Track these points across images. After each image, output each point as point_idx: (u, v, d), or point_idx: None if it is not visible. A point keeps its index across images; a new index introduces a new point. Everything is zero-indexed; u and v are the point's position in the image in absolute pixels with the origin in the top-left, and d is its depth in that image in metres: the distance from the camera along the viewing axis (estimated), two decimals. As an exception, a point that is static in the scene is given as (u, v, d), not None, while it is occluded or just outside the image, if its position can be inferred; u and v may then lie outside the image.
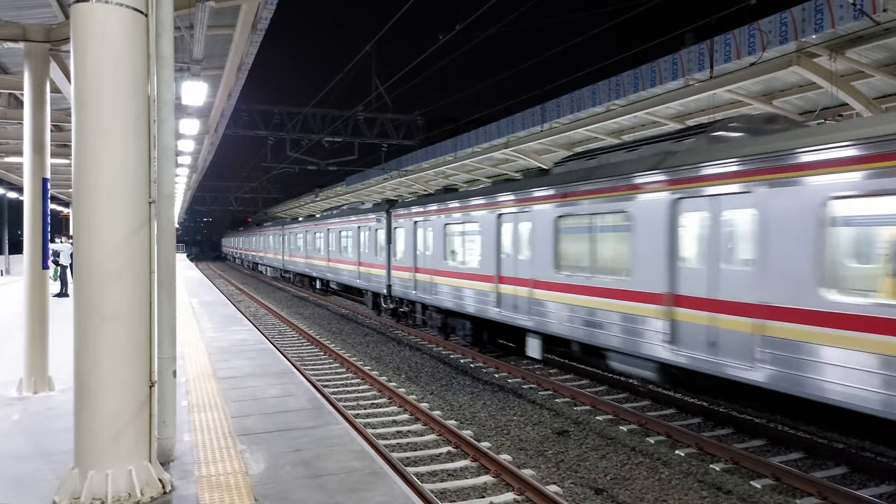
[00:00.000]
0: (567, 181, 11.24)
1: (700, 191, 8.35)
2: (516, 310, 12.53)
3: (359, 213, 22.61)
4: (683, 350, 8.51)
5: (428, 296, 16.55)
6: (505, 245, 13.15)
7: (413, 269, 17.40)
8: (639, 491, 7.05)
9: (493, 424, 9.51)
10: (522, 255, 12.55)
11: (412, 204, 18.31)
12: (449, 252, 15.79)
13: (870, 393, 6.23)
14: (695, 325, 8.35)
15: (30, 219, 7.67)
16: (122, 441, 4.47)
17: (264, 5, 8.03)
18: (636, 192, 9.50)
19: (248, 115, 24.40)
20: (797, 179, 7.06)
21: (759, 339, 7.37)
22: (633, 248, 9.47)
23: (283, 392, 7.94)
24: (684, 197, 8.60)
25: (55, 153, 8.29)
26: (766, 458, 7.75)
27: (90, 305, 4.48)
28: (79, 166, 4.56)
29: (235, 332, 13.27)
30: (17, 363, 7.81)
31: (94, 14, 4.48)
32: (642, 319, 9.25)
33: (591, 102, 14.54)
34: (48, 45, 7.79)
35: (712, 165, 8.17)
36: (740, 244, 7.89)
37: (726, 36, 10.85)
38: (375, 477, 5.08)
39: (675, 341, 8.64)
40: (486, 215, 13.83)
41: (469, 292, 14.37)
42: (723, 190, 8.01)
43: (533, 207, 12.10)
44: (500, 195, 13.35)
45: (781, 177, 7.26)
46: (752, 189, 7.60)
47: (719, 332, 7.95)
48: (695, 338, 8.33)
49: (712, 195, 8.18)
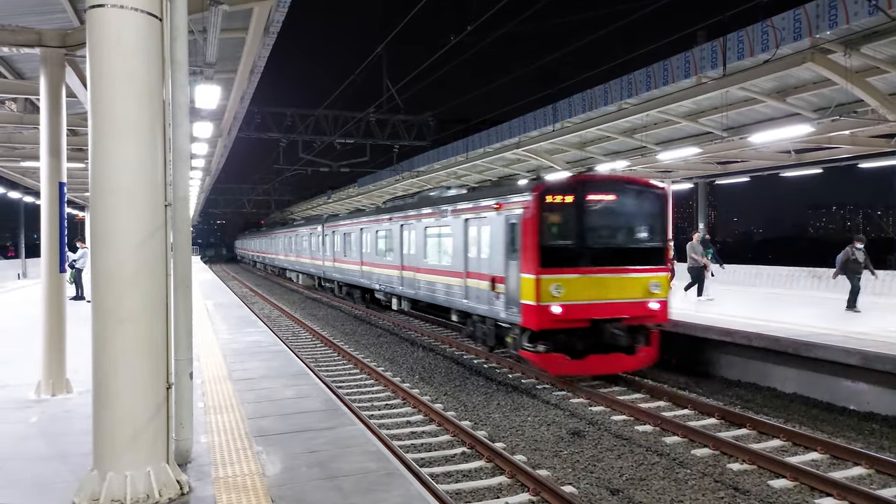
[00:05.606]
0: (426, 205, 17.35)
1: (477, 214, 13.96)
2: (386, 282, 20.16)
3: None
4: (470, 302, 14.18)
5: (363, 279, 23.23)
6: (400, 245, 18.96)
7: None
8: (655, 491, 7.01)
9: (507, 425, 9.50)
10: (409, 251, 18.25)
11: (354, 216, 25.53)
12: (360, 251, 23.19)
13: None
14: (477, 288, 13.80)
15: (47, 223, 7.73)
16: (140, 443, 4.50)
17: (276, 8, 8.06)
18: (453, 214, 15.06)
19: (260, 118, 24.55)
20: (489, 208, 13.25)
21: (490, 293, 13.05)
22: (455, 246, 15.00)
23: (298, 393, 7.96)
24: (469, 218, 14.29)
25: (70, 157, 8.37)
26: (783, 459, 7.70)
27: (107, 308, 4.51)
28: (95, 170, 4.59)
29: (250, 333, 13.33)
30: (35, 366, 7.87)
31: (110, 19, 4.51)
32: (457, 286, 14.84)
33: (602, 101, 14.49)
34: (64, 50, 7.85)
35: (473, 204, 14.22)
36: (482, 243, 13.73)
37: (739, 33, 10.78)
38: (391, 478, 5.08)
39: (468, 297, 14.31)
40: (391, 226, 19.78)
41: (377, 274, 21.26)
42: (484, 215, 13.55)
43: (419, 221, 17.49)
44: (404, 211, 18.91)
45: (496, 209, 12.94)
46: (492, 214, 13.17)
47: (472, 289, 14.08)
48: (475, 294, 13.92)
49: (479, 218, 13.87)
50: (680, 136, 16.69)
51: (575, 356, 11.34)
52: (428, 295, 16.93)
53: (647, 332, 11.92)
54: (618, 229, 12.36)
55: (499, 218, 12.83)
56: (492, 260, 13.13)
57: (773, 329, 11.67)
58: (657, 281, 11.92)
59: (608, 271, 11.65)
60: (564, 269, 11.45)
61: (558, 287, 11.26)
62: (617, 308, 11.61)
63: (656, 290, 11.86)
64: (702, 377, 12.43)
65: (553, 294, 11.23)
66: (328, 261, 28.70)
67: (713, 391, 11.42)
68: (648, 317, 11.85)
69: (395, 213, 19.66)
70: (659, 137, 16.93)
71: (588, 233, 11.90)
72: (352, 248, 24.49)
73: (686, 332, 12.93)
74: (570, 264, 11.53)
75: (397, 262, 19.12)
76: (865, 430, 9.11)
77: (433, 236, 16.80)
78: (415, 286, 17.73)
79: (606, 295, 11.56)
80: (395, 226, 19.45)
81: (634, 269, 11.84)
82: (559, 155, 20.39)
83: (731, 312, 14.25)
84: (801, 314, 13.63)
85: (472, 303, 14.12)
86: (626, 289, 11.74)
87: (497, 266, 12.82)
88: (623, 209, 12.27)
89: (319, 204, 49.16)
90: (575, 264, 11.54)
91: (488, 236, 13.42)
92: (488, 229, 13.41)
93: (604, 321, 11.51)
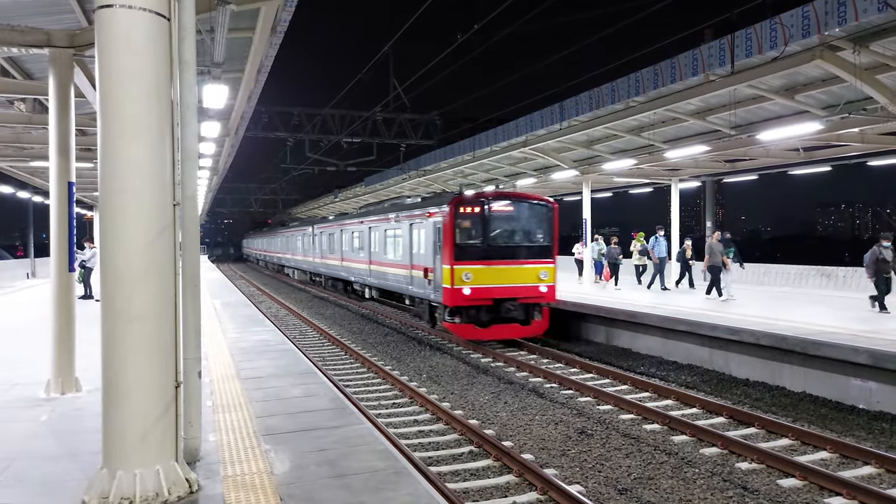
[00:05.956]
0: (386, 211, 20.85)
1: (411, 218, 18.03)
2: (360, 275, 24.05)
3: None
4: (414, 288, 17.78)
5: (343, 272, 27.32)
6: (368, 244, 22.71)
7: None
8: (663, 491, 6.99)
9: (514, 424, 9.49)
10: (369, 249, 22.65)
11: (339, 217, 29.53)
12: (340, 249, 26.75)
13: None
14: (417, 277, 17.27)
15: (56, 222, 7.76)
16: (150, 441, 4.51)
17: (283, 7, 8.07)
18: (411, 219, 18.14)
19: (267, 117, 24.59)
20: (422, 216, 16.95)
21: (424, 280, 16.69)
22: (403, 244, 18.71)
23: (306, 392, 7.98)
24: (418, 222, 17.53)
25: (79, 157, 8.40)
26: (793, 458, 7.67)
27: (117, 307, 4.53)
28: (104, 170, 4.61)
29: (257, 332, 13.36)
30: (45, 364, 7.91)
31: (119, 19, 4.51)
32: (407, 277, 18.21)
33: (610, 100, 14.44)
34: (72, 50, 7.87)
35: (413, 211, 18.01)
36: (420, 243, 17.34)
37: (747, 31, 10.72)
38: (399, 476, 5.08)
39: (412, 284, 17.90)
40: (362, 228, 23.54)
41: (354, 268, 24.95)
42: (421, 221, 17.19)
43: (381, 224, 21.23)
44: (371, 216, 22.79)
45: (428, 217, 16.56)
46: (421, 218, 17.21)
47: (415, 278, 17.54)
48: (416, 282, 17.40)
49: (418, 223, 17.47)
50: (688, 135, 16.63)
51: (481, 326, 15.29)
52: (388, 284, 20.62)
53: (539, 308, 15.74)
54: (513, 232, 16.13)
55: (429, 223, 16.55)
56: (426, 255, 16.81)
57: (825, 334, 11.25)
58: (545, 270, 15.77)
59: (505, 263, 15.53)
60: (472, 261, 15.22)
61: (468, 275, 15.03)
62: (512, 290, 15.38)
63: (544, 277, 15.71)
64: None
65: (464, 280, 15.00)
66: (317, 258, 32.77)
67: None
68: (538, 297, 15.66)
69: (365, 217, 23.79)
70: (666, 135, 16.87)
71: (490, 234, 15.70)
72: (334, 247, 28.49)
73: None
74: (476, 258, 15.31)
75: (367, 257, 23.02)
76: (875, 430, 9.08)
77: (391, 237, 20.36)
78: (379, 277, 21.56)
79: (504, 280, 15.39)
80: (364, 228, 23.46)
81: (526, 261, 15.69)
82: (566, 153, 20.35)
83: (753, 313, 14.19)
84: (836, 316, 13.24)
85: (415, 289, 17.83)
86: (520, 276, 15.53)
87: (428, 259, 16.54)
88: (518, 217, 16.17)
89: (326, 203, 49.26)
90: (480, 258, 15.34)
91: (423, 237, 17.10)
92: (423, 232, 17.09)
93: (503, 300, 15.29)
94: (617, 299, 17.44)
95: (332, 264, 29.04)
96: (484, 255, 15.36)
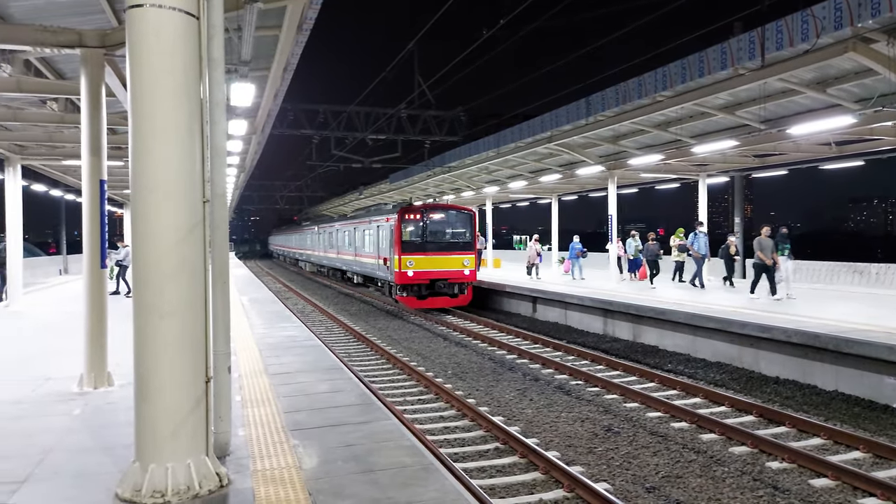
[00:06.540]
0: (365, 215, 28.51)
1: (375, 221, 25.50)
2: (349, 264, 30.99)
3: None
4: (379, 273, 24.43)
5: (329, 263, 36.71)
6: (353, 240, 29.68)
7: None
8: (692, 489, 6.92)
9: (540, 421, 9.46)
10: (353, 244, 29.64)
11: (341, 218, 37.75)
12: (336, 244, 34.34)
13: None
14: (381, 265, 23.94)
15: (88, 219, 7.89)
16: (181, 435, 4.57)
17: (309, 5, 8.10)
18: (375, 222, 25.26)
19: (293, 115, 24.73)
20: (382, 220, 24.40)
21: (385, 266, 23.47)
22: (372, 241, 25.22)
23: (333, 388, 8.03)
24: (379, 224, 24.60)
25: (109, 156, 8.50)
26: (825, 457, 7.54)
27: (149, 303, 4.59)
28: (135, 168, 4.67)
29: (284, 328, 13.47)
30: (78, 359, 8.06)
31: (149, 18, 4.56)
32: (376, 264, 24.62)
33: (636, 94, 14.29)
34: (103, 50, 7.98)
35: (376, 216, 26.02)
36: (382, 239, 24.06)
37: (778, 23, 10.54)
38: (426, 472, 5.09)
39: (379, 270, 24.32)
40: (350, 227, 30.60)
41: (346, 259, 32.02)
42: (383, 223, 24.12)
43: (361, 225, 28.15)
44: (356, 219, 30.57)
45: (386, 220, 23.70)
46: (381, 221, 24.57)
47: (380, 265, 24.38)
48: (380, 268, 24.06)
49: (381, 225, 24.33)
50: (716, 129, 16.40)
51: (421, 298, 22.01)
52: (366, 271, 27.39)
53: (465, 286, 22.59)
54: (444, 232, 23.05)
55: (387, 225, 23.34)
56: (385, 248, 23.53)
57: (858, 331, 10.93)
58: (467, 259, 22.57)
59: (438, 254, 22.28)
60: (414, 252, 22.01)
61: (411, 262, 21.82)
62: (443, 273, 22.13)
63: (467, 264, 22.48)
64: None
65: (408, 265, 21.77)
66: (320, 252, 40.17)
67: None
68: (462, 278, 22.44)
69: (353, 219, 31.43)
70: (694, 130, 16.66)
71: (427, 233, 22.57)
72: (332, 243, 35.49)
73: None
74: (417, 250, 22.07)
75: (353, 251, 29.76)
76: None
77: (369, 235, 26.55)
78: (361, 266, 28.27)
79: (437, 266, 22.06)
80: (351, 228, 30.38)
81: (452, 252, 22.56)
82: (592, 149, 20.19)
83: (781, 310, 13.97)
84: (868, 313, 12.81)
85: (380, 273, 24.68)
86: (448, 263, 22.29)
87: (386, 251, 23.33)
88: (447, 221, 23.26)
89: (350, 200, 49.57)
90: (419, 250, 22.10)
91: (384, 235, 23.73)
92: (384, 232, 23.81)
93: (436, 280, 22.02)
94: (663, 300, 17.26)
95: (332, 257, 35.99)
96: (422, 248, 22.14)
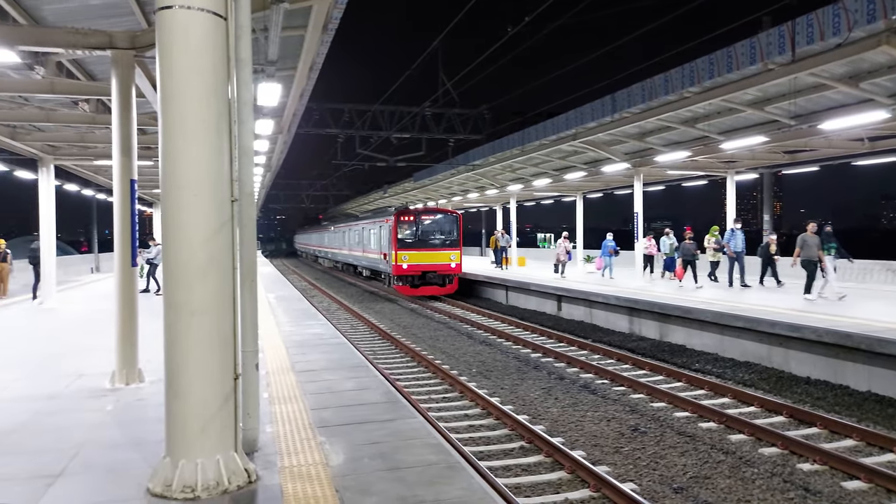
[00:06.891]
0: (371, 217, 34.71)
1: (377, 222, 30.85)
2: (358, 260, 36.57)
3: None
4: (382, 266, 29.37)
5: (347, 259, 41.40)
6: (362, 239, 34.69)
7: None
8: (721, 490, 6.84)
9: (566, 420, 9.41)
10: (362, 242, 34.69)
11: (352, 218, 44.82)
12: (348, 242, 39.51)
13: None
14: (383, 259, 28.98)
15: (119, 218, 8.02)
16: (210, 432, 4.63)
17: (334, 5, 8.15)
18: (377, 222, 30.56)
19: (318, 114, 24.80)
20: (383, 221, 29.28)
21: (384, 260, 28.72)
22: (376, 239, 30.40)
23: (359, 385, 8.06)
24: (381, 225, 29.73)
25: (139, 155, 8.63)
26: (857, 459, 7.40)
27: (179, 301, 4.65)
28: (165, 167, 4.73)
29: (310, 326, 13.57)
30: (109, 356, 8.20)
31: (178, 20, 4.62)
32: (379, 259, 29.84)
33: (663, 91, 14.15)
34: (133, 51, 8.09)
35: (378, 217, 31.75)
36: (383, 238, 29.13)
37: (808, 17, 10.36)
38: (452, 471, 5.09)
39: (381, 264, 29.48)
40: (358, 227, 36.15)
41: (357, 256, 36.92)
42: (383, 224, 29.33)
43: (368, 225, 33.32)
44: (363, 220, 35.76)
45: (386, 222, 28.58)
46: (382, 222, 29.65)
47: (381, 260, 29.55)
48: (382, 262, 29.26)
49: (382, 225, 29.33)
50: (744, 125, 16.18)
51: (414, 287, 26.54)
52: (372, 265, 32.16)
53: (452, 277, 27.10)
54: (433, 232, 27.24)
55: (387, 225, 27.76)
56: (385, 245, 27.96)
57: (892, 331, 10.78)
58: (453, 254, 26.95)
59: (428, 250, 26.67)
60: (408, 249, 26.52)
61: (406, 257, 26.37)
62: (433, 266, 26.58)
63: (453, 259, 26.93)
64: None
65: (403, 260, 26.34)
66: (335, 249, 45.84)
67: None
68: (450, 271, 26.92)
69: (361, 220, 36.75)
70: (722, 127, 16.45)
71: (419, 233, 26.94)
72: (345, 241, 40.76)
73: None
74: (410, 247, 26.57)
75: (361, 248, 34.92)
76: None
77: (373, 234, 31.20)
78: (369, 261, 32.88)
79: (428, 260, 26.57)
80: (358, 227, 36.06)
81: (441, 249, 26.88)
82: (617, 146, 20.05)
83: (811, 308, 13.72)
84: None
85: (382, 266, 29.13)
86: (437, 258, 26.69)
87: (386, 248, 27.72)
88: (436, 222, 27.54)
89: (375, 199, 49.84)
90: (413, 247, 26.58)
91: (384, 234, 28.23)
92: (384, 231, 28.27)
93: (427, 272, 26.59)
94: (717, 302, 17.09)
95: (345, 253, 41.22)
96: (415, 246, 26.62)
